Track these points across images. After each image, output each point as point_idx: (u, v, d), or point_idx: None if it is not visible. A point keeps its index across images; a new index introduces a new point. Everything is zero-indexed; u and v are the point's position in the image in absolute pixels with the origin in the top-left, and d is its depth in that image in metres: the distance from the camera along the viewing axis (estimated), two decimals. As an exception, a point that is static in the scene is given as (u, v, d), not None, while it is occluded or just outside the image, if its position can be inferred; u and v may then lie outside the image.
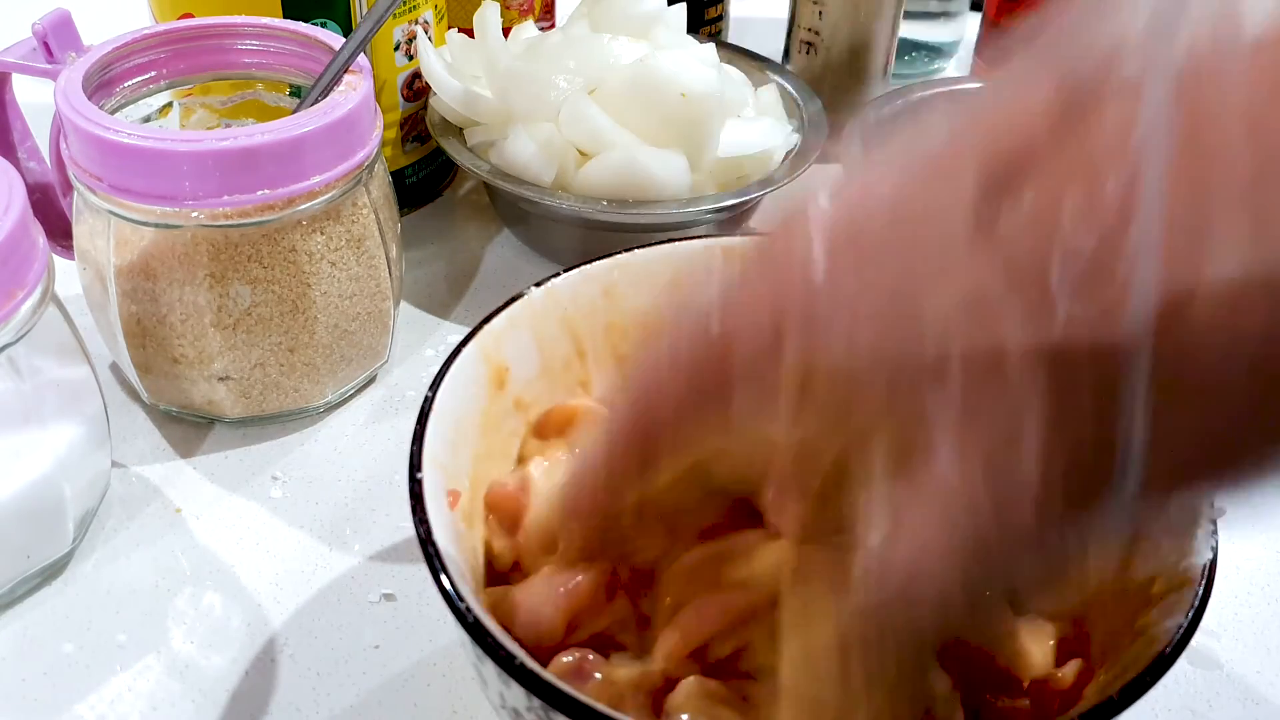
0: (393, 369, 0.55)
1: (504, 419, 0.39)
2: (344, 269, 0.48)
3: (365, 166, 0.48)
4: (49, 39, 0.48)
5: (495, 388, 0.38)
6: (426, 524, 0.31)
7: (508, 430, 0.39)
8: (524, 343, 0.39)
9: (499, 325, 0.38)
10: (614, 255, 0.41)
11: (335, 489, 0.49)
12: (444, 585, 0.29)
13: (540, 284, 0.40)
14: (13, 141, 0.51)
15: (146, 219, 0.45)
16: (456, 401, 0.36)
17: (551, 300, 0.40)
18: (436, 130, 0.61)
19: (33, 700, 0.40)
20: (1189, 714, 0.42)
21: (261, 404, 0.50)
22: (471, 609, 0.28)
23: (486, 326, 0.38)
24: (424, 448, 0.33)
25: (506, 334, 0.39)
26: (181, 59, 0.51)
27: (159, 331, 0.47)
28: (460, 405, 0.36)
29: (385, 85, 0.60)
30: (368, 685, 0.41)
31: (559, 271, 0.40)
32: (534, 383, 0.40)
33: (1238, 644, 0.44)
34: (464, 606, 0.29)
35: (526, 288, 0.40)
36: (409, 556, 0.46)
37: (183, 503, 0.48)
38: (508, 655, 0.27)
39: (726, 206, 0.57)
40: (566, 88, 0.57)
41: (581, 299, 0.41)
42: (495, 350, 0.38)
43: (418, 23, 0.60)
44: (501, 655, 0.28)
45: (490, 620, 0.29)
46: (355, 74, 0.48)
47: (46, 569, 0.44)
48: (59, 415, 0.42)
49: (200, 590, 0.44)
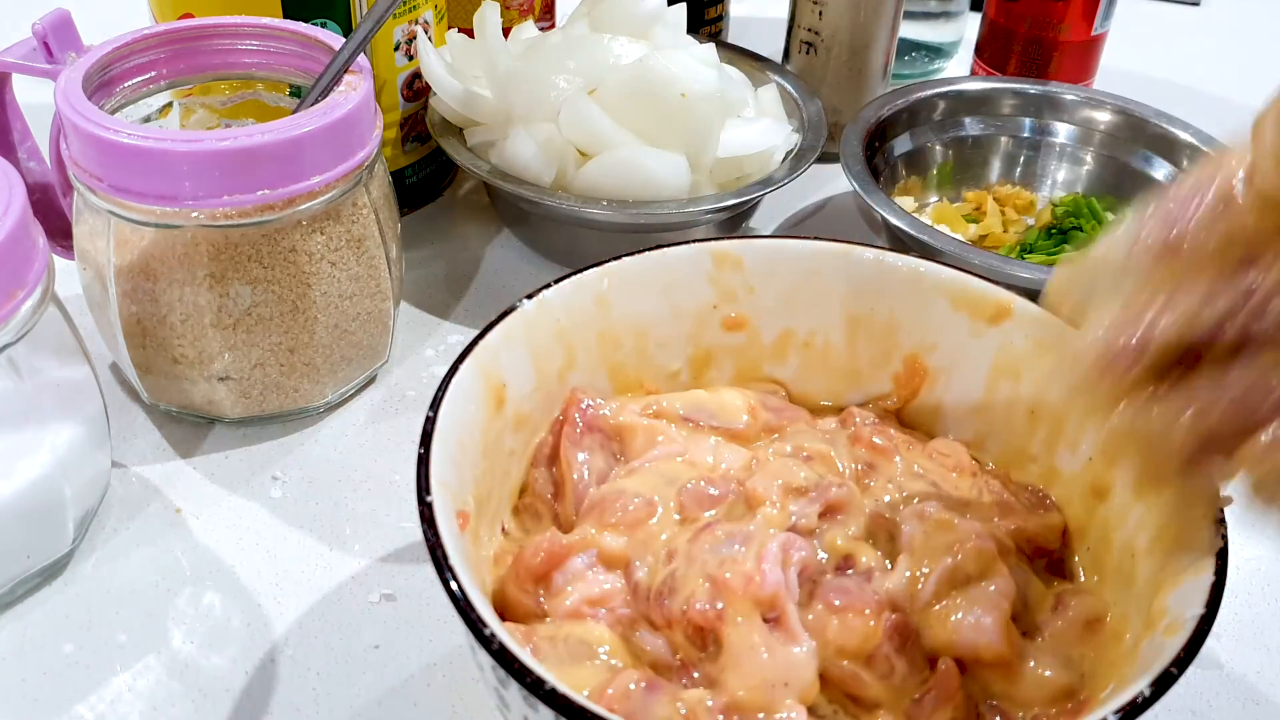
0: (393, 369, 0.55)
1: (503, 437, 0.38)
2: (344, 269, 0.48)
3: (365, 166, 0.48)
4: (49, 39, 0.48)
5: (494, 406, 0.38)
6: (442, 549, 0.30)
7: (507, 449, 0.39)
8: (519, 357, 0.39)
9: (494, 340, 0.38)
10: (604, 263, 0.41)
11: (335, 489, 0.49)
12: (471, 618, 0.29)
13: (532, 295, 0.39)
14: (13, 141, 0.51)
15: (146, 219, 0.45)
16: (457, 421, 0.35)
17: (544, 311, 0.39)
18: (436, 130, 0.61)
19: (33, 700, 0.40)
20: (1189, 714, 0.42)
21: (261, 404, 0.50)
22: (496, 635, 0.28)
23: (482, 342, 0.37)
24: (431, 469, 0.32)
25: (502, 349, 0.38)
26: (181, 59, 0.51)
27: (159, 331, 0.47)
28: (461, 425, 0.35)
29: (385, 85, 0.60)
30: (368, 685, 0.41)
31: (550, 282, 0.40)
32: (530, 396, 0.39)
33: (1238, 644, 0.44)
34: (488, 633, 0.28)
35: (519, 300, 0.39)
36: (409, 557, 0.46)
37: (183, 503, 0.48)
38: (536, 680, 0.27)
39: (726, 206, 0.57)
40: (566, 88, 0.57)
41: (574, 309, 0.40)
42: (492, 366, 0.37)
43: (418, 23, 0.60)
44: (529, 680, 0.27)
45: (514, 644, 0.28)
46: (355, 74, 0.48)
47: (46, 569, 0.44)
48: (59, 415, 0.42)
49: (200, 590, 0.44)
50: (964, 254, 0.54)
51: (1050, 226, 0.64)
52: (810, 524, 0.36)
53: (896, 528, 0.37)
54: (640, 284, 0.42)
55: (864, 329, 0.44)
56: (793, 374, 0.45)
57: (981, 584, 0.35)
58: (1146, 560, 0.35)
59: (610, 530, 0.36)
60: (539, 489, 0.39)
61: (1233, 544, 0.48)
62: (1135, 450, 0.32)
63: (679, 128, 0.57)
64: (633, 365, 0.43)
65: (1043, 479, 0.41)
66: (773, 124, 0.61)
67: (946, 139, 0.68)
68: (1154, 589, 0.33)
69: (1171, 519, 0.34)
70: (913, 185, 0.67)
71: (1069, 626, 0.36)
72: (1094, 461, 0.39)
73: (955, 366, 0.43)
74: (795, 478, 0.37)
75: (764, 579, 0.33)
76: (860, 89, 0.70)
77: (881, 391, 0.44)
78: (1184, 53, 0.91)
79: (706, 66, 0.59)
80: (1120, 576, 0.36)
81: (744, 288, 0.43)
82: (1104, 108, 0.67)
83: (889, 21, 0.68)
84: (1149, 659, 0.31)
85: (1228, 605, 0.46)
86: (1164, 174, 0.65)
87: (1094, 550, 0.38)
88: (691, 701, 0.32)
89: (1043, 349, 0.40)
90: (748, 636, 0.32)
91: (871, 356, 0.44)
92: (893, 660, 0.33)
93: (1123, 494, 0.37)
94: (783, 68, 0.69)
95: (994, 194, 0.67)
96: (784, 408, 0.43)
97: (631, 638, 0.34)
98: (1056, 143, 0.68)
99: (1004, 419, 0.42)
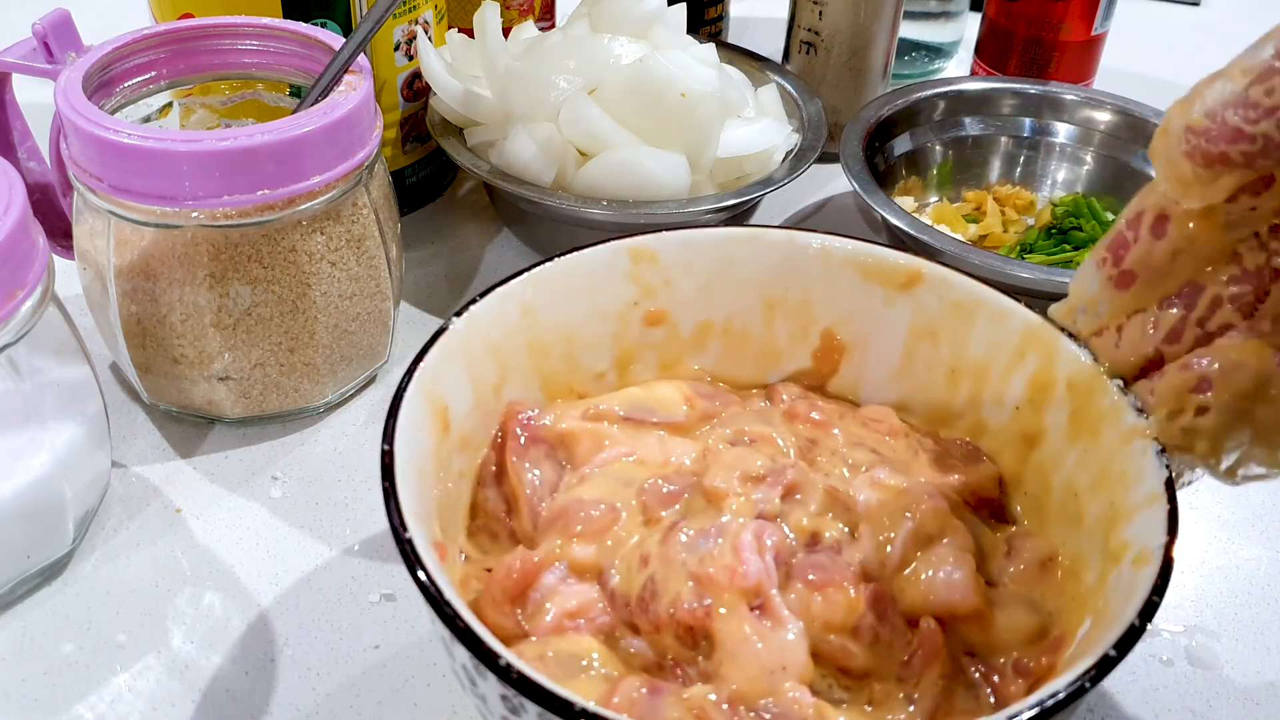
0: (393, 369, 0.55)
1: (452, 459, 0.38)
2: (344, 269, 0.48)
3: (365, 166, 0.48)
4: (49, 39, 0.48)
5: (442, 430, 0.37)
6: (435, 585, 0.29)
7: (456, 472, 0.38)
8: (457, 376, 0.38)
9: (432, 362, 0.37)
10: (526, 271, 0.41)
11: (335, 489, 0.49)
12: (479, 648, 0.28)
13: (460, 313, 0.39)
14: (13, 141, 0.51)
15: (146, 219, 0.45)
16: (412, 450, 0.34)
17: (475, 327, 0.39)
18: (436, 130, 0.61)
19: (32, 700, 0.40)
20: (1189, 714, 0.42)
21: (261, 404, 0.50)
22: (513, 665, 0.28)
23: (421, 365, 0.36)
24: (401, 504, 0.32)
25: (440, 370, 0.37)
26: (181, 59, 0.51)
27: (159, 331, 0.47)
28: (417, 453, 0.35)
29: (385, 85, 0.60)
30: (368, 685, 0.41)
31: (475, 297, 0.39)
32: (471, 415, 0.39)
33: (1238, 644, 0.44)
34: (503, 664, 0.28)
35: (449, 318, 0.38)
36: (409, 556, 0.46)
37: (182, 502, 0.48)
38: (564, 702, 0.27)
39: (726, 206, 0.57)
40: (566, 88, 0.57)
41: (502, 321, 0.40)
42: (434, 389, 0.37)
43: (418, 23, 0.60)
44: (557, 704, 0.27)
45: (521, 661, 0.28)
46: (355, 74, 0.48)
47: (46, 569, 0.44)
48: (59, 415, 0.42)
49: (200, 590, 0.44)
50: (964, 254, 0.54)
51: (1050, 226, 0.64)
52: (775, 509, 0.37)
53: (851, 499, 0.38)
54: (563, 289, 0.41)
55: (780, 310, 0.44)
56: (714, 361, 0.45)
57: (943, 541, 0.37)
58: (1092, 499, 0.36)
59: (578, 541, 0.36)
60: (491, 508, 0.39)
61: (1232, 544, 0.49)
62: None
63: (679, 128, 0.57)
64: (562, 372, 0.43)
65: (971, 433, 0.42)
66: (773, 124, 0.61)
67: (946, 139, 0.68)
68: (1107, 525, 0.35)
69: (1114, 456, 0.36)
70: (913, 185, 0.67)
71: (1026, 569, 0.37)
72: (1021, 410, 0.40)
73: (872, 335, 0.44)
74: (752, 466, 0.38)
75: (746, 568, 0.34)
76: (860, 89, 0.70)
77: (802, 368, 0.45)
78: (1184, 53, 0.91)
79: (706, 66, 0.59)
80: (1065, 517, 0.38)
81: (661, 281, 0.43)
82: (1104, 108, 0.67)
83: (889, 21, 0.68)
84: (1123, 591, 0.32)
85: (1228, 605, 0.46)
86: (1164, 174, 0.65)
87: (1032, 495, 0.40)
88: (698, 699, 0.32)
89: (957, 309, 0.42)
90: (739, 628, 0.33)
91: (790, 335, 0.45)
92: (876, 629, 0.34)
93: (1055, 439, 0.39)
94: (783, 68, 0.69)
95: (994, 194, 0.67)
96: (715, 394, 0.43)
97: (618, 644, 0.34)
98: (1056, 143, 0.68)
99: (925, 381, 0.43)
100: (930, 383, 0.43)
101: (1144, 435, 0.35)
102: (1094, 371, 0.37)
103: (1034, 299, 0.41)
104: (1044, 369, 0.39)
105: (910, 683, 0.34)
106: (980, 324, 0.41)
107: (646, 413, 0.41)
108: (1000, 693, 0.35)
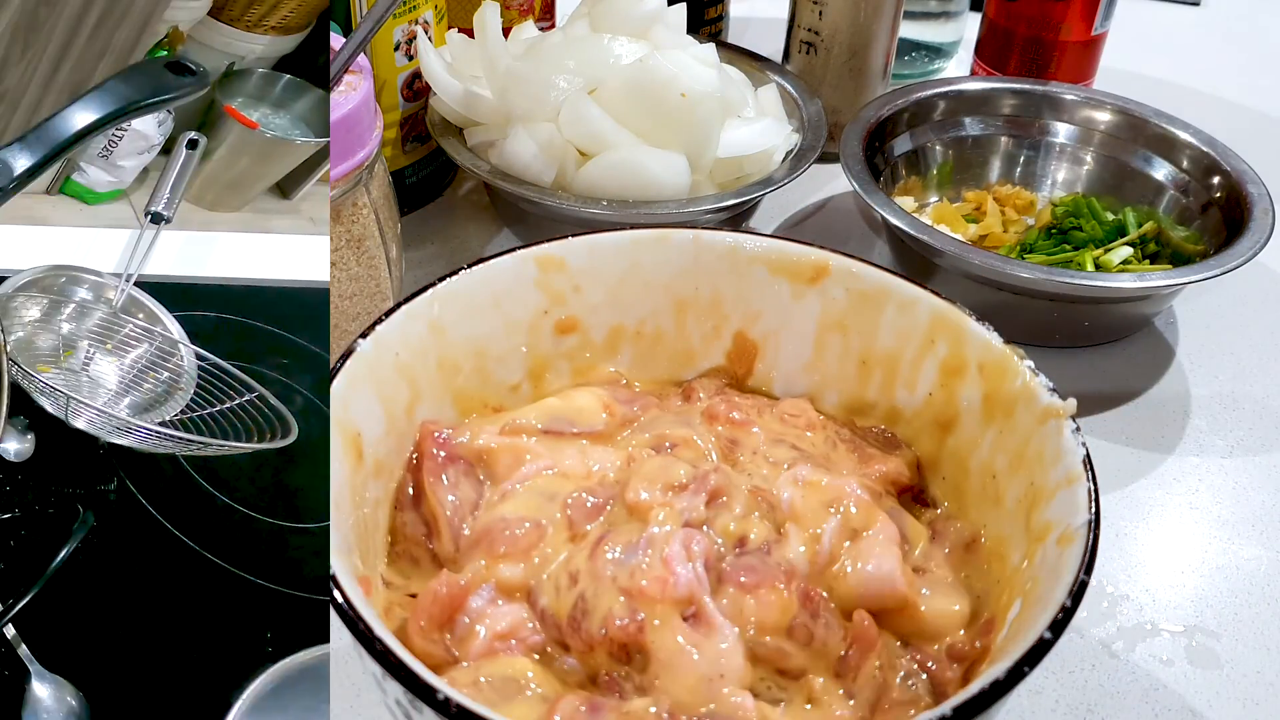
0: (393, 369, 0.55)
1: (367, 487, 0.37)
2: (344, 269, 0.48)
3: (365, 166, 0.48)
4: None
5: (355, 459, 0.36)
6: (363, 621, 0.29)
7: (372, 499, 0.37)
8: (367, 401, 0.37)
9: (341, 388, 0.36)
10: (431, 287, 0.40)
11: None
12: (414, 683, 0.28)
13: (366, 334, 0.38)
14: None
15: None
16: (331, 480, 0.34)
17: (382, 348, 0.38)
18: (436, 130, 0.61)
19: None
20: (1189, 714, 0.42)
21: (261, 404, 0.50)
22: (451, 698, 0.27)
23: (331, 393, 0.35)
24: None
25: (350, 396, 0.36)
26: (181, 59, 0.51)
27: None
28: (332, 486, 0.34)
29: (385, 85, 0.60)
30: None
31: (381, 316, 0.38)
32: (384, 440, 0.38)
33: (1238, 644, 0.44)
34: (441, 697, 0.28)
35: (355, 341, 0.37)
36: (409, 556, 0.46)
37: (183, 503, 0.47)
38: None
39: (726, 206, 0.57)
40: (566, 88, 0.57)
41: (410, 340, 0.39)
42: (345, 416, 0.36)
43: (418, 23, 0.60)
44: None
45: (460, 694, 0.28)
46: (355, 74, 0.48)
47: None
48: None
49: (200, 590, 0.44)
50: (964, 254, 0.54)
51: (1050, 226, 0.64)
52: (700, 515, 0.36)
53: (776, 498, 0.38)
54: (470, 302, 0.41)
55: (691, 309, 0.44)
56: (628, 365, 0.45)
57: (869, 533, 0.37)
58: (1011, 480, 0.37)
59: (504, 561, 0.35)
60: (411, 532, 0.38)
61: (1232, 544, 0.49)
62: None
63: (679, 128, 0.57)
64: (475, 387, 0.42)
65: (886, 420, 0.43)
66: (773, 124, 0.61)
67: (946, 139, 0.68)
68: (1029, 506, 0.36)
69: (1030, 437, 0.36)
70: (913, 185, 0.67)
71: (951, 553, 0.38)
72: (934, 396, 0.41)
73: (783, 330, 0.44)
74: (674, 475, 0.37)
75: (676, 578, 0.33)
76: (860, 89, 0.70)
77: (716, 365, 0.45)
78: (1184, 53, 0.91)
79: (706, 66, 0.59)
80: (985, 499, 0.39)
81: (571, 288, 0.43)
82: (1104, 108, 0.67)
83: (889, 21, 0.68)
84: (1050, 570, 0.33)
85: (1228, 605, 0.46)
86: (1164, 174, 0.64)
87: (950, 478, 0.41)
88: (638, 713, 0.31)
89: (864, 299, 0.42)
90: (672, 640, 0.33)
91: (702, 334, 0.45)
92: (810, 626, 0.34)
93: (970, 422, 0.40)
94: (783, 68, 0.69)
95: (994, 194, 0.67)
96: (633, 397, 0.43)
97: (552, 662, 0.34)
98: (1056, 143, 0.68)
99: (838, 372, 0.44)
100: (843, 373, 0.43)
101: (1059, 415, 0.35)
102: (1004, 354, 0.38)
103: (1034, 299, 0.41)
104: (954, 354, 0.40)
105: (848, 678, 0.34)
106: (889, 313, 0.41)
107: (566, 424, 0.40)
108: (937, 679, 0.35)
